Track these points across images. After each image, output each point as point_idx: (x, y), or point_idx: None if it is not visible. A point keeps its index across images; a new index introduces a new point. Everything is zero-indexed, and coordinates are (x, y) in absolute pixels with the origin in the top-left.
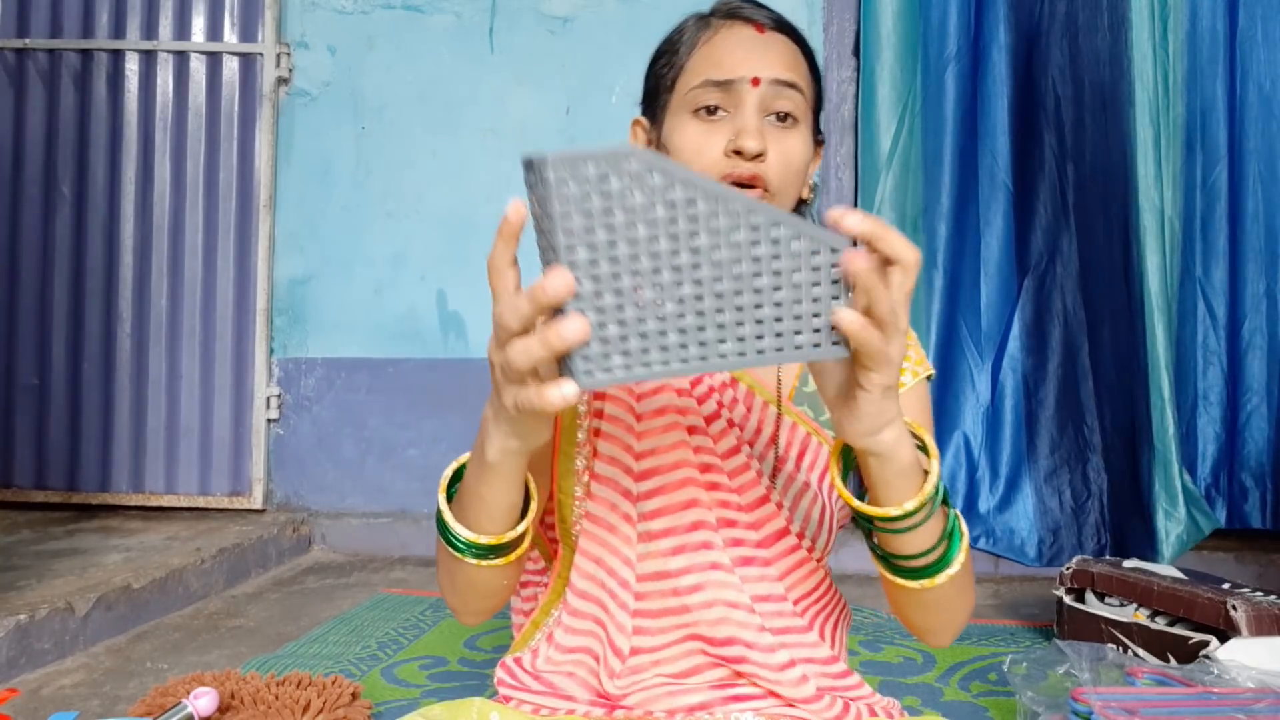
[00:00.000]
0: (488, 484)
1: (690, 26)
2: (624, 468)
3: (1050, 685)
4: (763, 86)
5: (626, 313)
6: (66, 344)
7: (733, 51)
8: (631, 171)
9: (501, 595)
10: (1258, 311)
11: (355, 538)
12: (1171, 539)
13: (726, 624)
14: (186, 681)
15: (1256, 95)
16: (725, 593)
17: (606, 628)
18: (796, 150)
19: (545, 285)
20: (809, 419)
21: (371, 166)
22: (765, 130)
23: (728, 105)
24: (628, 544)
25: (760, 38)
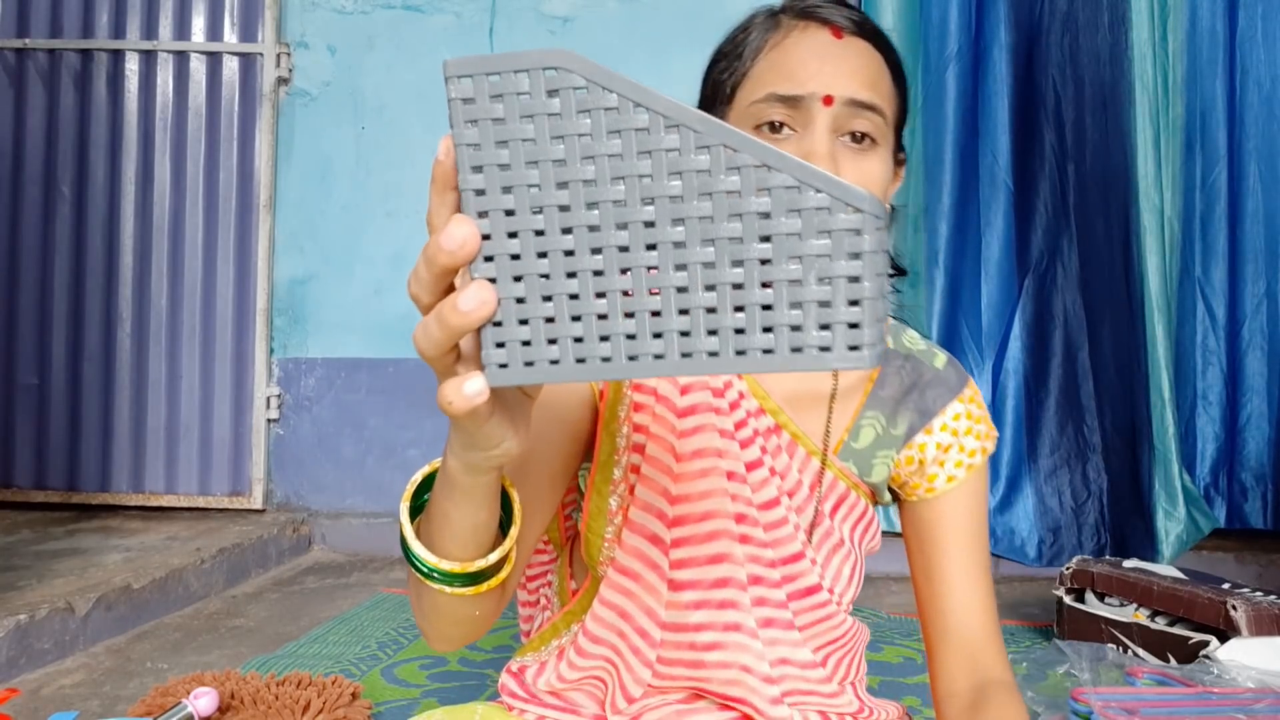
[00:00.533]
0: (450, 499)
1: (757, 25)
2: (658, 513)
3: (1050, 685)
4: (836, 106)
5: (557, 283)
6: (66, 344)
7: (805, 61)
8: (570, 85)
9: (475, 625)
10: (1258, 312)
11: (355, 538)
12: (1171, 539)
13: (740, 686)
14: (186, 681)
15: (1256, 95)
16: (743, 656)
17: (619, 669)
18: (875, 175)
19: (440, 239)
20: (852, 476)
21: (371, 166)
22: (838, 153)
23: (795, 123)
24: (653, 594)
25: (837, 44)
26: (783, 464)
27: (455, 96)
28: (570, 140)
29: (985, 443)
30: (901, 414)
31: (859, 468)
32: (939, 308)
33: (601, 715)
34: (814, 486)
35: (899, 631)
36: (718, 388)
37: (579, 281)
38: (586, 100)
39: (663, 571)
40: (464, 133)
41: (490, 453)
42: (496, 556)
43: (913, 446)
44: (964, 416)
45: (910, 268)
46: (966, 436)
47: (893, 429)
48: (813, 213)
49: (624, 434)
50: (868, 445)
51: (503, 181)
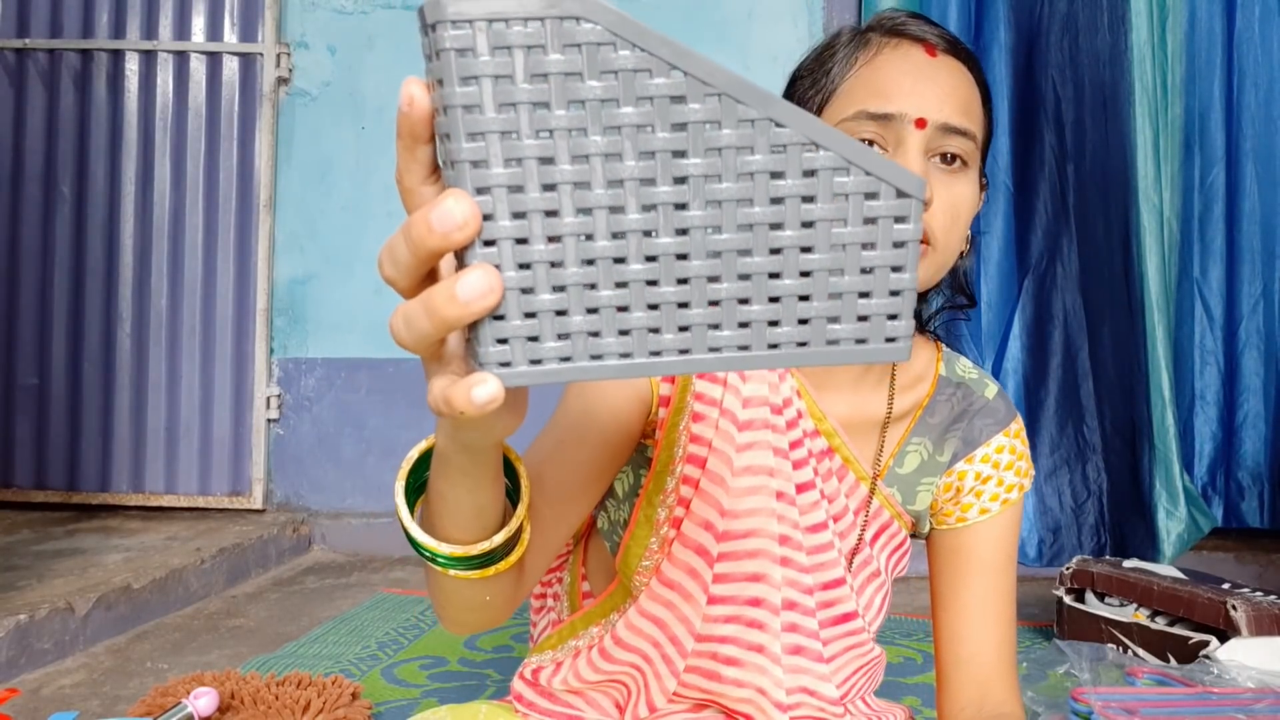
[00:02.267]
0: (446, 478)
1: (845, 42)
2: (708, 525)
3: (1050, 685)
4: (929, 130)
5: (571, 271)
6: (66, 344)
7: (898, 80)
8: (593, 40)
9: (489, 611)
10: (1254, 312)
11: (355, 538)
12: (1172, 538)
13: (751, 705)
14: (186, 681)
15: (1254, 96)
16: (761, 679)
17: (646, 676)
18: (966, 198)
19: (431, 215)
20: (896, 503)
21: (371, 166)
22: (930, 174)
23: (885, 142)
24: (693, 605)
25: (931, 62)
26: (832, 488)
27: (449, 47)
28: (592, 106)
29: (1023, 479)
30: (948, 441)
31: (903, 495)
32: None
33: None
34: (859, 513)
35: (899, 631)
36: (776, 404)
37: (598, 269)
38: (612, 59)
39: (705, 584)
40: (457, 91)
41: (487, 432)
42: (501, 538)
43: (953, 474)
44: (1007, 451)
45: None
46: (1007, 471)
47: (939, 455)
48: (861, 198)
49: (681, 444)
50: (912, 471)
51: (507, 152)
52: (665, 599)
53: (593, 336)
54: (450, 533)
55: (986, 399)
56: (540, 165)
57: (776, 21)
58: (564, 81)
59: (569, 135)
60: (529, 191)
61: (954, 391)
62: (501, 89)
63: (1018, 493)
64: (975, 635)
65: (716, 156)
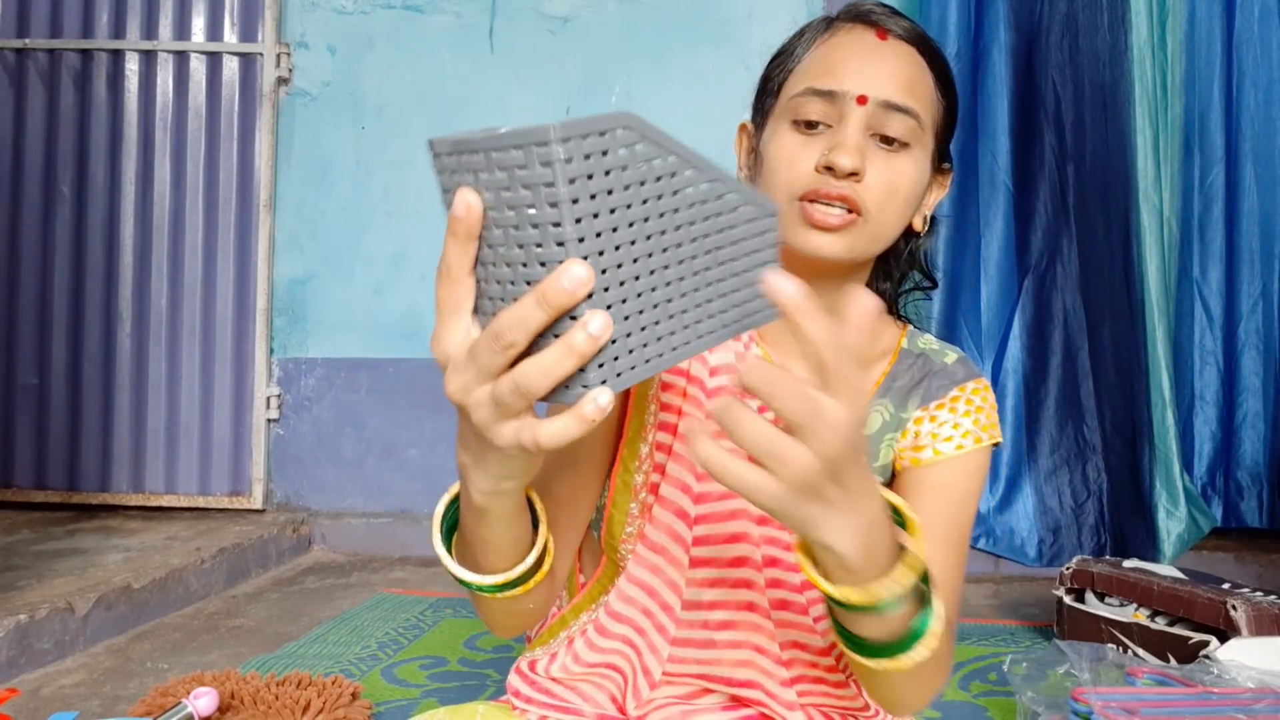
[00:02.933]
0: (485, 525)
1: (813, 26)
2: (685, 488)
3: (1050, 685)
4: (870, 106)
5: (629, 304)
6: (66, 344)
7: (845, 59)
8: (625, 141)
9: (533, 615)
10: (1254, 312)
11: (355, 538)
12: (1173, 538)
13: (750, 667)
14: (186, 681)
15: (1253, 97)
16: (756, 637)
17: (639, 649)
18: (905, 175)
19: (562, 282)
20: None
21: (371, 166)
22: (868, 149)
23: (829, 119)
24: (678, 568)
25: (880, 45)
26: None
27: (562, 170)
28: (653, 201)
29: (980, 432)
30: (910, 400)
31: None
32: (938, 308)
33: (606, 714)
34: None
35: None
36: None
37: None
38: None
39: (687, 546)
40: (565, 190)
41: (527, 472)
42: (533, 559)
43: (911, 422)
44: (963, 401)
45: None
46: (964, 418)
47: (901, 413)
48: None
49: (651, 411)
50: (875, 430)
51: (594, 234)
52: (651, 563)
53: (643, 347)
54: (493, 564)
55: (946, 364)
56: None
57: (776, 22)
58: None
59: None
60: (606, 256)
61: (915, 360)
62: (588, 186)
63: (973, 442)
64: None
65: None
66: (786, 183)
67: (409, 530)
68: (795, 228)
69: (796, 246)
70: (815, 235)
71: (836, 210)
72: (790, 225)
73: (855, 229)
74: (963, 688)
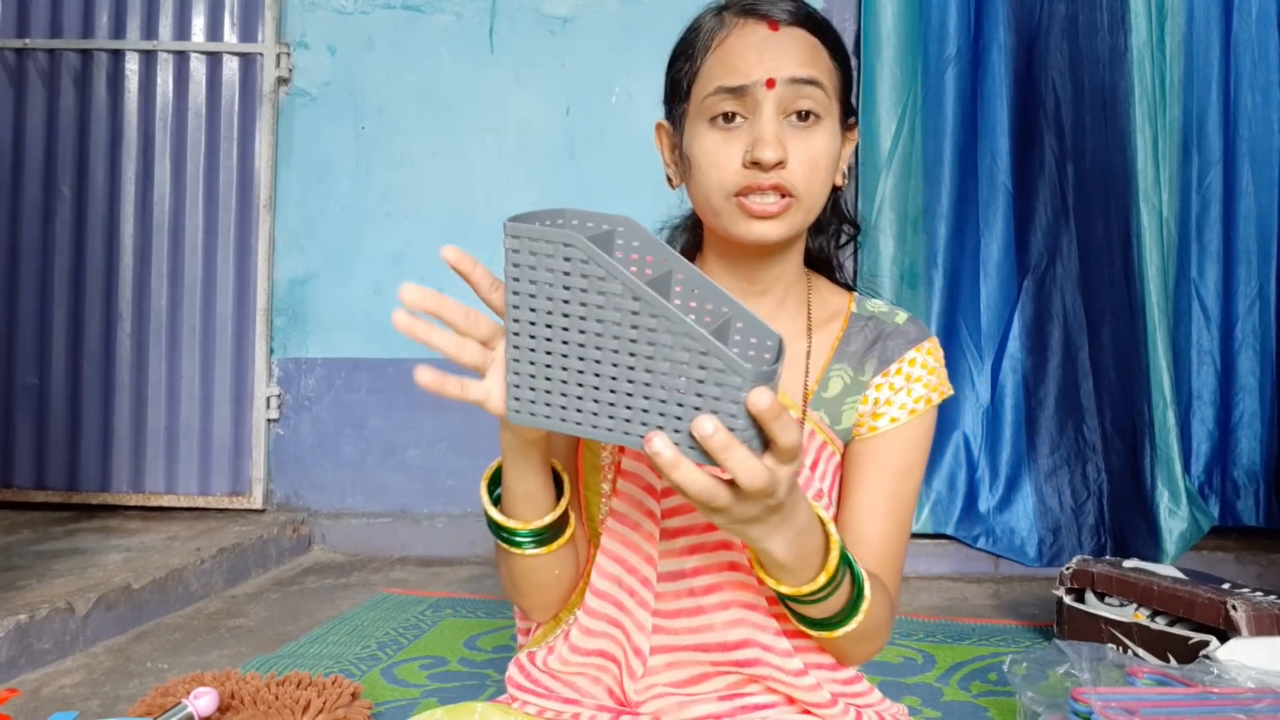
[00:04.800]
0: (509, 474)
1: (705, 25)
2: (649, 462)
3: (1050, 685)
4: (779, 88)
5: (554, 373)
6: (66, 344)
7: (745, 54)
8: (576, 256)
9: (559, 588)
10: (1250, 312)
11: (355, 538)
12: (1175, 537)
13: (743, 625)
14: (186, 681)
15: (1251, 99)
16: (742, 594)
17: (625, 628)
18: (821, 148)
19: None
20: (825, 426)
21: (371, 166)
22: (786, 133)
23: (745, 110)
24: (650, 541)
25: (774, 36)
26: None
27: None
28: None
29: (932, 393)
30: (867, 363)
31: (830, 416)
32: (938, 308)
33: (605, 706)
34: None
35: (898, 631)
36: None
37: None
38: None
39: (656, 519)
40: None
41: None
42: (552, 517)
43: (871, 387)
44: (919, 365)
45: (910, 269)
46: (916, 383)
47: (860, 375)
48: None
49: None
50: (837, 394)
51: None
52: (622, 537)
53: (561, 409)
54: (517, 512)
55: (897, 324)
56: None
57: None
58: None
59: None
60: (538, 329)
61: (866, 323)
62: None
63: (925, 405)
64: (863, 528)
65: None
66: (718, 182)
67: (409, 530)
68: (737, 221)
69: (740, 237)
70: (757, 224)
71: (771, 199)
72: (732, 219)
73: (791, 211)
74: (963, 688)
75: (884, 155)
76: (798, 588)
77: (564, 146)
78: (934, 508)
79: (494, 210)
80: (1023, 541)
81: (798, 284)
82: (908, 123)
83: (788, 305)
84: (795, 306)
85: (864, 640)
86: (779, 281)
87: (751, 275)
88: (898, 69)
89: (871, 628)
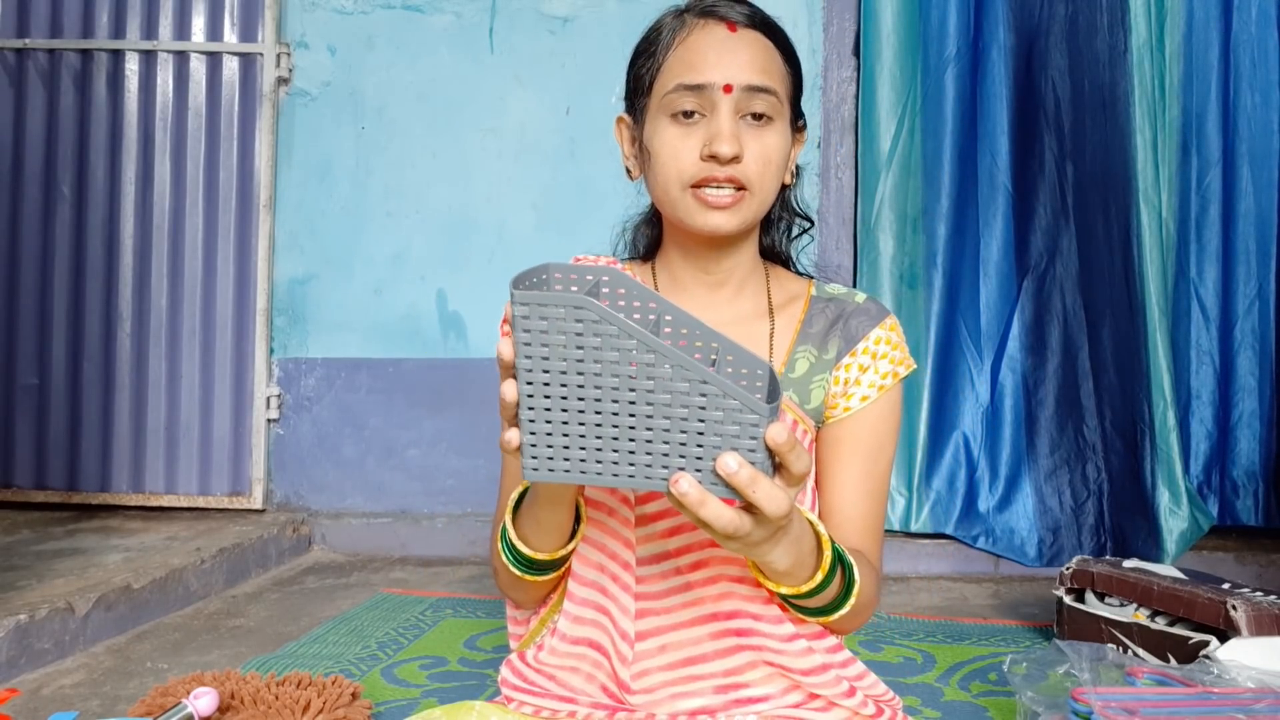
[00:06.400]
0: (544, 508)
1: (667, 24)
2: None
3: (1050, 685)
4: (735, 93)
5: (571, 428)
6: (66, 344)
7: (704, 55)
8: (588, 319)
9: (552, 585)
10: (1249, 312)
11: (355, 538)
12: (1175, 537)
13: (732, 598)
14: (186, 681)
15: (1250, 99)
16: (728, 568)
17: (610, 614)
18: (774, 146)
19: (502, 394)
20: (794, 405)
21: (371, 166)
22: (741, 130)
23: (703, 108)
24: (627, 526)
25: (732, 37)
26: None
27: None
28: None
29: (898, 368)
30: (830, 342)
31: (799, 395)
32: (938, 309)
33: (597, 703)
34: None
35: (899, 631)
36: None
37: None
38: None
39: (632, 505)
40: (526, 339)
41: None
42: (574, 545)
43: (840, 368)
44: (883, 342)
45: (909, 269)
46: (882, 360)
47: (824, 354)
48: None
49: None
50: (804, 374)
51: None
52: (598, 521)
53: (581, 463)
54: (540, 543)
55: (857, 303)
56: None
57: (776, 22)
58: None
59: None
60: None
61: (826, 305)
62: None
63: (892, 380)
64: (845, 509)
65: (656, 381)
66: (676, 173)
67: (409, 530)
68: (693, 211)
69: (696, 227)
70: (713, 215)
71: (726, 191)
72: (688, 210)
73: (744, 203)
74: (963, 688)
75: (884, 155)
76: (796, 588)
77: (564, 146)
78: (934, 508)
79: (494, 210)
80: (1023, 541)
81: (754, 273)
82: (907, 123)
83: (746, 292)
84: (754, 292)
85: (855, 616)
86: (735, 271)
87: (708, 265)
88: (898, 69)
89: (862, 604)
